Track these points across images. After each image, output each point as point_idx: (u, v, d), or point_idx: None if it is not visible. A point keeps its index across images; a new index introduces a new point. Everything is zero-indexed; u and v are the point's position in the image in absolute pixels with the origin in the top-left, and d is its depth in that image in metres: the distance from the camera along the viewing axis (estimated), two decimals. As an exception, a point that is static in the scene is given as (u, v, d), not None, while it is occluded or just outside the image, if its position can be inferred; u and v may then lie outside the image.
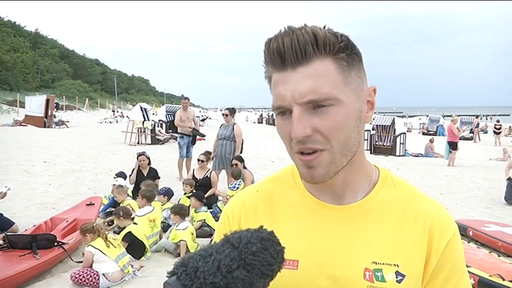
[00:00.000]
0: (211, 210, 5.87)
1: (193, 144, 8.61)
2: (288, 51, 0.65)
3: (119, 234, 4.43)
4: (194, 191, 6.07)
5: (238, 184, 6.24)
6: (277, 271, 0.54)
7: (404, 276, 0.70)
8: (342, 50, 0.66)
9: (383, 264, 0.70)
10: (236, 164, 6.67)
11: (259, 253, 0.52)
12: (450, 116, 17.99)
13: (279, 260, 0.54)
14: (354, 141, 0.70)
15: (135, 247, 4.27)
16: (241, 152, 7.26)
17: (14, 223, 5.01)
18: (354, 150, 0.71)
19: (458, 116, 21.42)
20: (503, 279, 3.46)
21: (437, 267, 0.72)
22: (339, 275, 0.70)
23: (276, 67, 0.67)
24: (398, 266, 0.70)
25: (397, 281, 0.69)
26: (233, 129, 7.14)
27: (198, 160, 6.93)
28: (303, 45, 0.64)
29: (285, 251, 0.56)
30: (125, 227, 4.42)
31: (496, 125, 23.48)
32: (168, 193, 5.87)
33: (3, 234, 4.17)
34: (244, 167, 6.86)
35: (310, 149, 0.67)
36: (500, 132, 22.70)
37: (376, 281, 0.69)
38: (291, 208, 0.78)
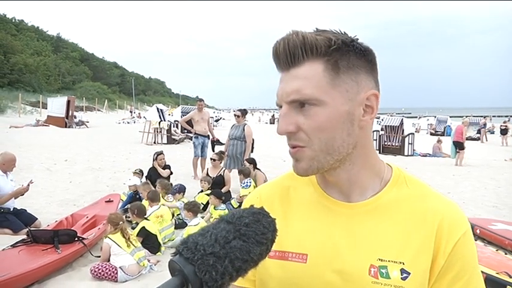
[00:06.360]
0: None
1: (213, 151, 8.31)
2: (281, 54, 0.70)
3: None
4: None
5: (249, 182, 6.38)
6: (271, 239, 0.57)
7: (409, 273, 0.70)
8: (330, 53, 0.68)
9: (388, 261, 0.71)
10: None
11: (252, 224, 0.55)
12: (460, 116, 17.85)
13: (271, 229, 0.56)
14: (341, 143, 0.71)
15: (150, 242, 4.38)
16: (252, 151, 7.36)
17: (37, 219, 5.17)
18: (344, 151, 0.72)
19: (467, 116, 21.29)
20: (510, 277, 3.48)
21: (445, 266, 0.72)
22: (345, 269, 0.72)
23: (277, 68, 0.73)
24: (403, 263, 0.71)
25: (401, 278, 0.70)
26: (244, 130, 7.26)
27: (211, 159, 7.12)
28: (293, 49, 0.69)
29: (276, 222, 0.58)
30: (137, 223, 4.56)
31: (501, 125, 23.46)
32: (181, 189, 6.23)
33: (27, 229, 4.29)
34: (257, 168, 6.98)
35: (293, 145, 0.72)
36: (507, 133, 22.45)
37: (380, 277, 0.70)
38: (304, 204, 0.81)
